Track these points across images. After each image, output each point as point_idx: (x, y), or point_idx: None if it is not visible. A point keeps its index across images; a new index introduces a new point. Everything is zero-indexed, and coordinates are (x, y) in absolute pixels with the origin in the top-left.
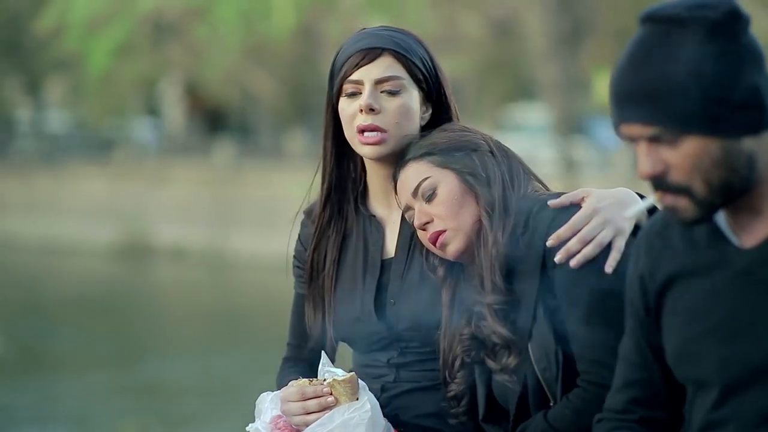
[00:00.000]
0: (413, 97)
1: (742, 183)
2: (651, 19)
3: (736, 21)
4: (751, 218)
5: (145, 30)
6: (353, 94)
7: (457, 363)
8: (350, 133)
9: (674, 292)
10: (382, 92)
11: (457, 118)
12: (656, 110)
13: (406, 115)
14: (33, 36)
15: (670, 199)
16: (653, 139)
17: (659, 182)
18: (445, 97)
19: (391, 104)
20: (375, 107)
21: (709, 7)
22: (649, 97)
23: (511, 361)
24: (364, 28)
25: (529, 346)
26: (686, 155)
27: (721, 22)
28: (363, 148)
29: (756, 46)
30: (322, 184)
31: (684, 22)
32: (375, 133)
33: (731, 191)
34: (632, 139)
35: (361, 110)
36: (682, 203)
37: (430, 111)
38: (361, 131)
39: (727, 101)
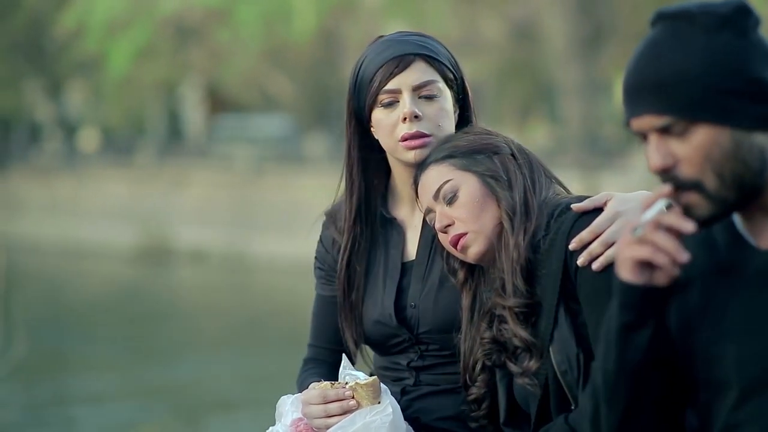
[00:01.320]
0: (448, 99)
1: (755, 179)
2: (661, 18)
3: (746, 17)
4: (766, 220)
5: (166, 33)
6: (390, 104)
7: (478, 366)
8: (391, 143)
9: (693, 296)
10: (420, 98)
11: (476, 118)
12: (666, 99)
13: (446, 118)
14: (54, 39)
15: (683, 197)
16: (663, 132)
17: (670, 178)
18: (467, 98)
19: (431, 109)
20: (419, 114)
21: (718, 4)
22: (659, 88)
23: (533, 364)
24: (380, 37)
25: (550, 349)
26: (696, 147)
27: (731, 17)
28: (408, 153)
29: (766, 44)
30: (350, 196)
31: (693, 17)
32: (419, 139)
33: (743, 186)
34: (643, 135)
35: (405, 119)
36: (695, 199)
37: (458, 112)
38: (405, 139)
39: (736, 91)
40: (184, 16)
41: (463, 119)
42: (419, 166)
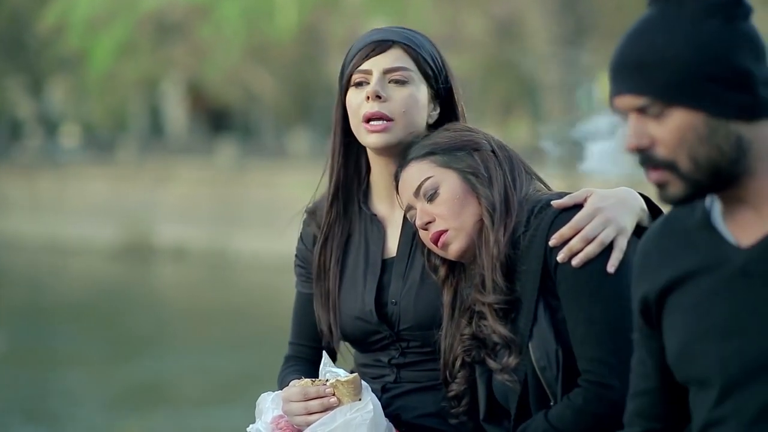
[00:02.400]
0: (421, 90)
1: (731, 167)
2: (654, 0)
3: (735, 5)
4: (748, 216)
5: (148, 29)
6: (361, 84)
7: (458, 363)
8: (356, 123)
9: (675, 296)
10: (390, 82)
11: (464, 121)
12: (644, 80)
13: (414, 106)
14: (35, 35)
15: (657, 175)
16: (641, 112)
17: (645, 157)
18: (454, 99)
19: (398, 93)
20: (382, 94)
21: None
22: (639, 68)
23: (512, 360)
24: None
25: (530, 345)
26: (672, 129)
27: (719, 4)
28: (369, 136)
29: (755, 35)
30: (330, 181)
31: (684, 0)
32: (381, 121)
33: (719, 173)
34: (624, 114)
35: (368, 97)
36: (668, 178)
37: (438, 110)
38: (368, 120)
39: (714, 78)
40: (165, 12)
41: (448, 121)
42: (400, 163)
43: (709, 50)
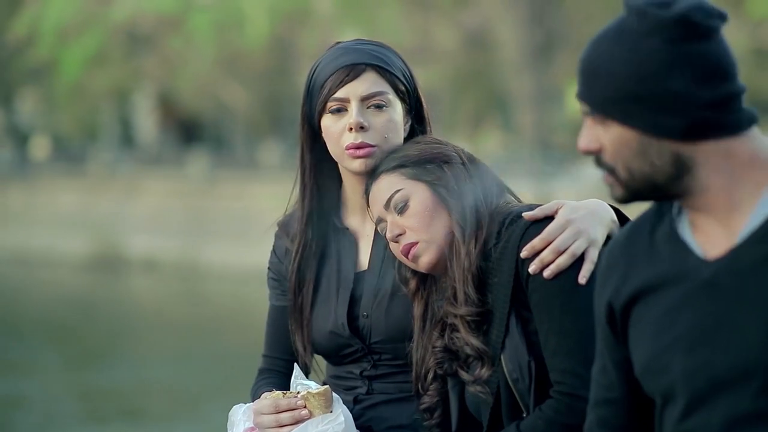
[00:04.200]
0: (398, 110)
1: (670, 181)
2: (625, 7)
3: (684, 27)
4: (713, 228)
5: (119, 40)
6: (338, 110)
7: (430, 375)
8: (338, 151)
9: (640, 307)
10: (368, 108)
11: (431, 130)
12: (588, 89)
13: (394, 130)
14: (5, 46)
15: (605, 177)
16: (593, 117)
17: (595, 159)
18: (423, 109)
19: (378, 120)
20: (365, 125)
21: (667, 7)
22: (587, 76)
23: (484, 372)
24: (338, 42)
25: (502, 357)
26: (611, 139)
27: (666, 24)
28: (353, 163)
29: (704, 57)
30: (302, 200)
31: (643, 14)
32: (365, 149)
33: (655, 186)
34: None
35: (350, 128)
36: (612, 182)
37: (410, 123)
38: (350, 149)
39: (643, 98)
40: (136, 23)
41: (417, 132)
42: (370, 176)
43: (642, 70)
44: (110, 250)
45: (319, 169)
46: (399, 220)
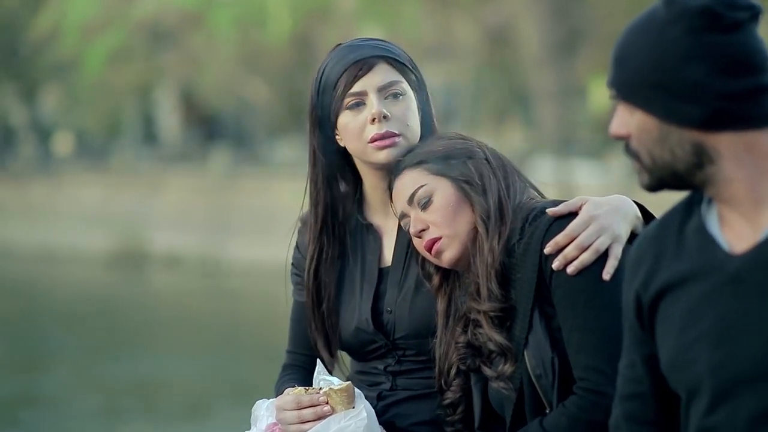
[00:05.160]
0: (413, 99)
1: (691, 170)
2: None
3: (707, 17)
4: (740, 223)
5: (141, 37)
6: (357, 105)
7: (453, 371)
8: (360, 145)
9: (667, 301)
10: (386, 98)
11: (436, 123)
12: (615, 75)
13: (413, 118)
14: (28, 43)
15: (633, 163)
16: (622, 103)
17: (624, 145)
18: (428, 102)
19: (398, 108)
20: (387, 114)
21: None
22: (616, 62)
23: (507, 368)
24: (339, 45)
25: (525, 353)
26: (636, 125)
27: (690, 13)
28: (379, 154)
29: (730, 50)
30: (315, 207)
31: (671, 3)
32: (390, 138)
33: (676, 175)
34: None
35: (373, 119)
36: (638, 168)
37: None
38: (374, 140)
39: (664, 87)
40: (159, 19)
41: (424, 123)
42: (393, 172)
43: (664, 59)
44: (133, 245)
45: (331, 173)
46: (422, 216)
